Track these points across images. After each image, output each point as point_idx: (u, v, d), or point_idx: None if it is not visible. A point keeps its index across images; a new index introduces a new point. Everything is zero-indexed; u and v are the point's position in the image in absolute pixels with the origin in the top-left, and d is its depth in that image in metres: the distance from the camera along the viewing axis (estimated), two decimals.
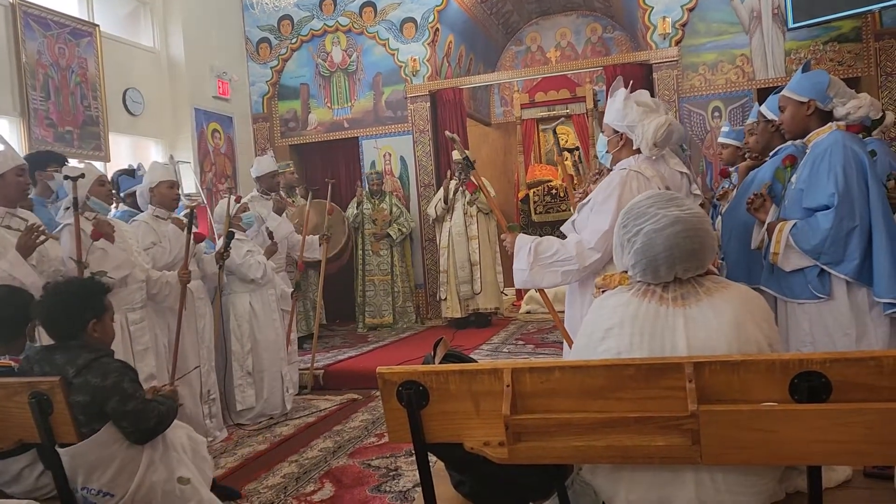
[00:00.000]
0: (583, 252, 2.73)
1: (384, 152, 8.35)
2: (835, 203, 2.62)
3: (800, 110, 2.80)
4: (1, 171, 3.35)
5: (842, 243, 2.62)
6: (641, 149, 2.79)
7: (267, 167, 5.77)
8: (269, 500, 3.46)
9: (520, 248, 2.89)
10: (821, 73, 2.82)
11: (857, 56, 6.84)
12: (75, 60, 6.14)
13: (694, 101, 7.32)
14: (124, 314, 3.88)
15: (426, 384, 1.70)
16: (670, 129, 2.74)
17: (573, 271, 2.78)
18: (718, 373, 1.54)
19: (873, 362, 1.47)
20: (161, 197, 4.41)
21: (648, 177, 2.74)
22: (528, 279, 2.87)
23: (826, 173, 2.66)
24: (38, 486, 2.39)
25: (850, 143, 2.69)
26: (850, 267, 2.63)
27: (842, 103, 2.74)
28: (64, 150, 5.68)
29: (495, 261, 7.56)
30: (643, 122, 2.74)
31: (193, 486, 2.46)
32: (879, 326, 2.64)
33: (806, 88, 2.79)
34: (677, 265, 1.69)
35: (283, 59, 8.63)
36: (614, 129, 2.89)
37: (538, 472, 1.77)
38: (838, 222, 2.61)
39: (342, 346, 7.02)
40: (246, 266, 4.78)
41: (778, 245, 2.77)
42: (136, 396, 2.31)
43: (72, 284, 2.53)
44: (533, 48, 10.51)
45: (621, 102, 2.82)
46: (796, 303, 2.79)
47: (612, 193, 2.72)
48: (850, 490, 1.77)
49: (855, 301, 2.67)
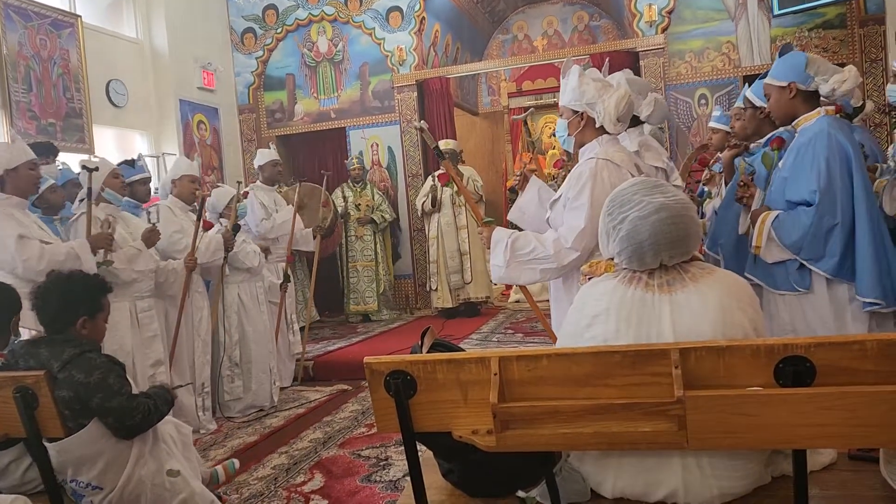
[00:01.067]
0: (560, 251, 2.63)
1: (371, 142, 8.32)
2: (816, 200, 2.59)
3: (783, 95, 2.76)
4: (14, 165, 3.51)
5: (822, 240, 2.59)
6: (605, 126, 2.66)
7: (267, 157, 5.86)
8: (259, 491, 3.46)
9: (496, 242, 2.77)
10: (797, 54, 2.77)
11: (841, 42, 6.86)
12: (57, 52, 6.07)
13: (680, 88, 7.33)
14: (133, 302, 4.04)
15: (414, 374, 1.70)
16: (631, 100, 2.63)
17: (552, 269, 2.68)
18: (704, 358, 1.55)
19: (857, 346, 1.48)
20: (182, 189, 4.67)
21: (618, 163, 2.63)
22: (505, 275, 2.76)
23: (809, 165, 2.62)
24: (25, 481, 2.38)
25: (836, 132, 2.63)
26: (829, 264, 2.61)
27: (824, 80, 2.66)
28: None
29: (485, 250, 7.56)
30: (603, 98, 2.61)
31: (183, 478, 2.45)
32: (858, 320, 2.63)
33: (784, 72, 2.75)
34: (663, 252, 1.70)
35: (268, 49, 8.56)
36: (573, 109, 2.74)
37: (526, 460, 1.77)
38: (818, 220, 2.58)
39: (332, 336, 7.01)
40: (243, 254, 4.84)
41: (760, 238, 2.75)
42: (122, 392, 2.27)
43: (73, 278, 2.50)
44: (520, 37, 10.49)
45: (576, 80, 2.68)
46: (778, 293, 2.78)
47: (585, 187, 2.61)
48: (835, 472, 1.78)
49: (835, 295, 2.66)
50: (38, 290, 2.40)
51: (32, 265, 3.40)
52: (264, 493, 3.44)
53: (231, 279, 4.88)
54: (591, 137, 2.74)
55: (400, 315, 7.96)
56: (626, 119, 2.67)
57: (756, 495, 1.68)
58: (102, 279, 2.60)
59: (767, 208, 2.81)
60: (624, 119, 2.65)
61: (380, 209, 7.79)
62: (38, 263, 3.40)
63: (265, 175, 5.82)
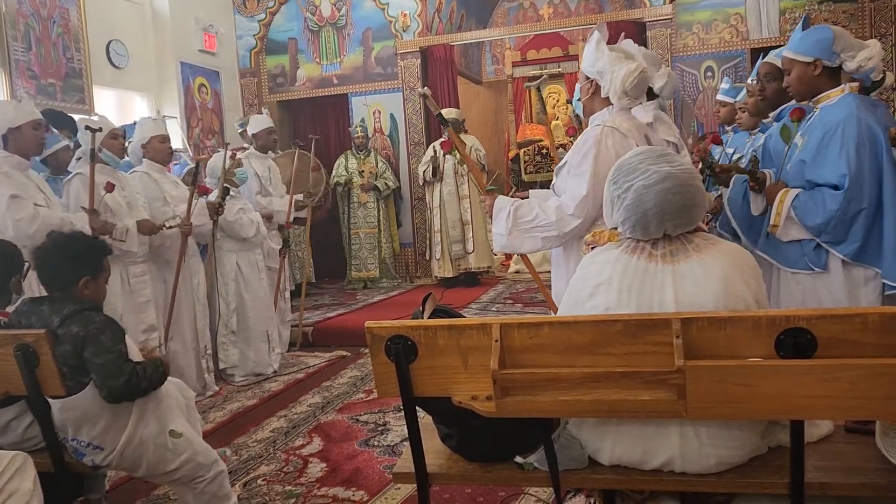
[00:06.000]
0: (562, 218, 2.61)
1: (374, 110, 8.25)
2: (845, 185, 2.50)
3: (806, 71, 2.63)
4: (17, 124, 3.48)
5: (846, 225, 2.52)
6: (610, 97, 2.63)
7: (262, 123, 5.70)
8: (258, 453, 3.49)
9: (498, 210, 2.76)
10: (823, 28, 2.66)
11: (851, 16, 6.76)
12: (57, 10, 5.98)
13: (687, 60, 7.25)
14: (126, 268, 3.96)
15: (415, 339, 1.71)
16: (643, 76, 2.59)
17: (553, 237, 2.67)
18: (705, 329, 1.55)
19: (859, 319, 1.48)
20: (154, 152, 4.41)
21: (624, 131, 2.59)
22: (507, 244, 2.75)
23: (838, 150, 2.52)
24: (26, 438, 2.40)
25: (866, 115, 2.54)
26: (850, 248, 2.54)
27: (850, 57, 2.56)
28: (47, 103, 5.58)
29: (487, 220, 7.56)
30: (613, 69, 2.57)
31: (186, 438, 2.48)
32: (873, 302, 2.57)
33: (809, 47, 2.63)
34: (667, 221, 1.69)
35: (270, 12, 8.44)
36: (586, 75, 2.72)
37: (525, 426, 1.79)
38: (846, 205, 2.49)
39: (331, 303, 7.03)
40: (238, 224, 4.75)
41: (779, 217, 2.65)
42: (112, 351, 2.25)
43: (76, 238, 2.51)
44: (525, 5, 10.34)
45: (593, 47, 2.64)
46: (790, 271, 2.72)
47: (588, 154, 2.58)
48: (831, 444, 1.79)
49: (850, 276, 2.60)
50: (41, 250, 2.40)
51: (24, 227, 3.35)
52: (263, 455, 3.47)
53: (229, 247, 4.83)
54: (599, 106, 2.72)
55: (400, 284, 7.97)
56: (636, 94, 2.63)
57: (752, 465, 1.69)
58: (104, 241, 2.60)
59: (784, 184, 2.70)
60: (633, 94, 2.60)
61: (383, 176, 7.77)
62: (29, 225, 3.35)
63: (259, 143, 5.66)
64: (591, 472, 1.78)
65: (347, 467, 3.27)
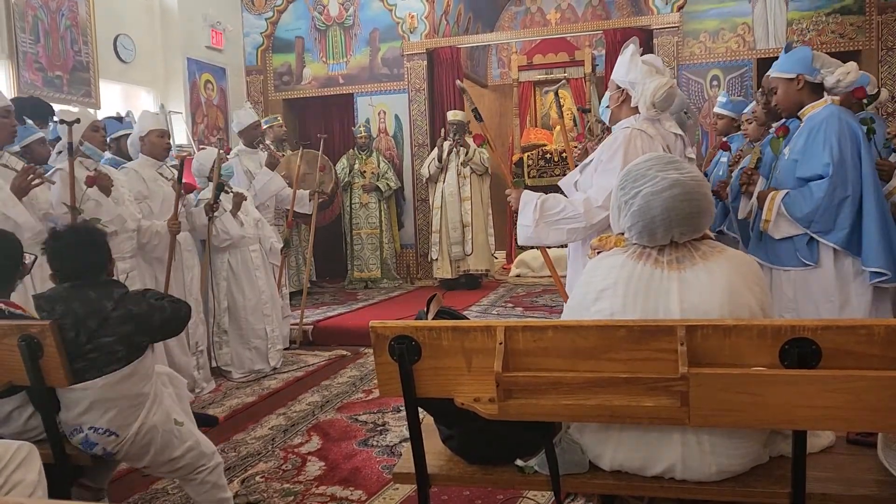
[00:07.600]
0: (591, 210, 2.71)
1: (379, 110, 8.26)
2: (829, 173, 2.71)
3: (790, 87, 2.88)
4: None
5: (833, 212, 2.71)
6: (640, 107, 2.78)
7: (247, 119, 5.66)
8: (256, 450, 3.49)
9: (525, 203, 2.84)
10: (802, 48, 2.92)
11: (858, 29, 6.77)
12: (65, 3, 5.99)
13: (693, 69, 7.26)
14: (114, 263, 3.84)
15: (419, 339, 1.71)
16: (671, 91, 2.72)
17: (579, 229, 2.76)
18: (710, 336, 1.55)
19: (864, 331, 1.48)
20: (151, 146, 4.35)
21: (651, 135, 2.73)
22: (533, 235, 2.83)
23: (822, 144, 2.74)
24: (27, 429, 2.40)
25: (846, 116, 2.78)
26: (839, 236, 2.73)
27: (830, 72, 2.81)
28: (53, 96, 5.60)
29: (487, 223, 7.57)
30: (645, 81, 2.73)
31: (188, 427, 2.51)
32: (862, 294, 2.76)
33: (792, 64, 2.88)
34: (674, 228, 1.69)
35: (278, 10, 8.45)
36: (617, 84, 2.87)
37: (527, 429, 1.79)
38: (831, 191, 2.70)
39: (332, 303, 7.03)
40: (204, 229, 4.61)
41: (770, 213, 2.86)
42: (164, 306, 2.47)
43: (87, 228, 2.58)
44: (532, 9, 10.35)
45: (628, 58, 2.80)
46: (782, 270, 2.90)
47: (618, 151, 2.71)
48: (832, 455, 1.80)
49: (841, 269, 2.78)
50: (62, 244, 2.42)
51: None
52: (262, 452, 3.47)
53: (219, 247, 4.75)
54: (625, 115, 2.86)
55: (400, 284, 7.97)
56: (663, 107, 2.76)
57: (753, 474, 1.69)
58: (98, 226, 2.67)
59: (774, 189, 2.91)
60: (660, 106, 2.74)
61: (385, 177, 7.78)
62: None
63: (246, 139, 5.65)
64: (592, 477, 1.78)
65: (346, 466, 3.26)
